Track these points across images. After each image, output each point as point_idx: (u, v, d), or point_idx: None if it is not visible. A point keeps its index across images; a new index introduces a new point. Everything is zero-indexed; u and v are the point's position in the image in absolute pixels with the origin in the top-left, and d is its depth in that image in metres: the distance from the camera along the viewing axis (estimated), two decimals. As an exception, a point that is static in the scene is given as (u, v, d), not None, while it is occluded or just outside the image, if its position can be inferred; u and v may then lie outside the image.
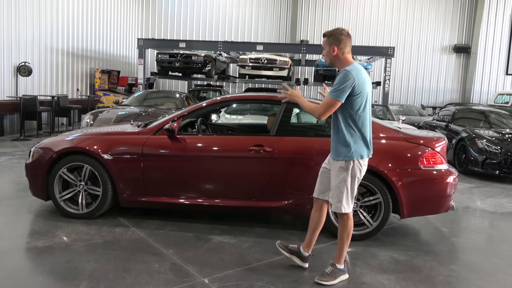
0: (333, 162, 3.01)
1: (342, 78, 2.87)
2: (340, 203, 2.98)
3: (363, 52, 13.37)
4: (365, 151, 2.97)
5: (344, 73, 2.87)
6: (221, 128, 5.43)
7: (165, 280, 2.97)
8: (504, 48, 18.30)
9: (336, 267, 3.05)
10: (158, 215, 4.37)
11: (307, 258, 3.25)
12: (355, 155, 2.92)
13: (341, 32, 2.99)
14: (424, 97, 18.92)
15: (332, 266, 3.07)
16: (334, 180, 3.00)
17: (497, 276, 3.31)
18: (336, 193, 2.99)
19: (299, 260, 3.26)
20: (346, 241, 3.05)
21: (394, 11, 18.40)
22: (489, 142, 7.39)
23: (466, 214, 5.14)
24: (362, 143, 2.95)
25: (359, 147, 2.93)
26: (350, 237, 3.06)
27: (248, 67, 12.38)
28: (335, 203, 3.01)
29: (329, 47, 3.01)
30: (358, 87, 2.87)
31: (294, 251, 3.28)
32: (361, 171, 2.99)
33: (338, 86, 2.87)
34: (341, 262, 3.07)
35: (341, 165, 2.95)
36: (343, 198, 2.97)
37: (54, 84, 12.55)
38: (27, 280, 2.95)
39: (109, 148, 4.08)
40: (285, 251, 3.30)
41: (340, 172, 2.95)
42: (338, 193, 2.98)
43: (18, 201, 4.76)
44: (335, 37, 2.98)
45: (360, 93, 2.88)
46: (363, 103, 2.92)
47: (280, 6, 18.74)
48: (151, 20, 19.05)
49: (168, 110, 8.33)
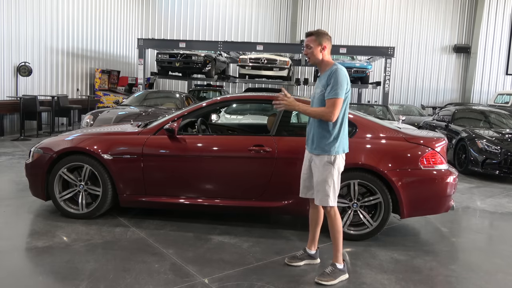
0: (317, 157, 3.04)
1: (339, 76, 2.94)
2: (328, 196, 3.01)
3: (363, 52, 13.37)
4: (346, 146, 3.09)
5: (339, 71, 2.96)
6: (221, 128, 5.43)
7: (165, 280, 2.97)
8: (504, 48, 18.30)
9: (336, 267, 3.06)
10: (158, 215, 4.37)
11: (316, 254, 3.35)
12: (340, 150, 3.03)
13: (326, 32, 3.11)
14: (424, 97, 18.92)
15: (332, 266, 3.08)
16: (320, 175, 3.02)
17: (497, 276, 3.31)
18: (322, 187, 3.01)
19: (311, 260, 3.34)
20: (338, 236, 3.07)
21: (394, 11, 18.40)
22: (489, 142, 7.38)
23: (466, 214, 5.14)
24: (345, 137, 3.08)
25: (343, 141, 3.05)
26: (341, 232, 3.09)
27: (248, 67, 12.37)
28: (321, 197, 3.04)
29: (318, 46, 3.04)
30: (348, 85, 3.02)
31: (304, 257, 3.34)
32: (343, 165, 3.11)
33: (337, 84, 2.93)
34: (340, 261, 3.08)
35: (328, 160, 3.01)
36: (330, 192, 3.01)
37: (54, 84, 12.55)
38: (27, 280, 2.95)
39: (109, 148, 4.08)
40: (297, 262, 3.32)
41: (327, 166, 3.00)
42: (325, 187, 3.01)
43: (18, 201, 4.76)
44: (324, 36, 3.06)
45: (348, 90, 3.03)
46: (348, 99, 3.04)
47: (280, 6, 18.74)
48: (151, 20, 19.05)
49: (168, 110, 8.33)
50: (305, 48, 3.11)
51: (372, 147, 3.89)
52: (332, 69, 2.98)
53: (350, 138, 3.93)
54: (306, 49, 3.10)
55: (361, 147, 3.85)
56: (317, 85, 3.13)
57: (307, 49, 3.09)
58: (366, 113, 5.22)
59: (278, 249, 3.63)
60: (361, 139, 3.91)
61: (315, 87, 3.19)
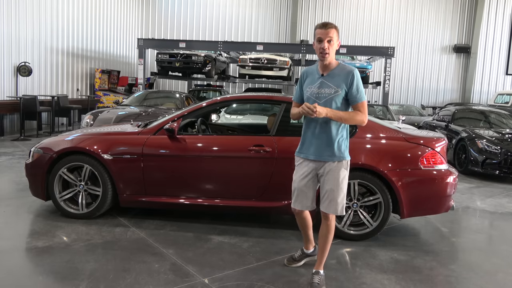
0: (333, 164, 2.83)
1: (359, 77, 2.80)
2: (343, 204, 2.87)
3: (363, 52, 13.37)
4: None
5: (357, 73, 2.79)
6: (221, 128, 5.43)
7: (165, 280, 2.97)
8: (504, 48, 18.30)
9: (322, 275, 2.95)
10: (158, 215, 4.37)
11: (314, 251, 3.30)
12: (349, 154, 2.92)
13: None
14: (424, 97, 18.92)
15: (319, 274, 2.95)
16: (336, 182, 2.82)
17: (497, 276, 3.31)
18: (338, 195, 2.83)
19: (310, 258, 3.31)
20: (330, 244, 2.97)
21: (394, 11, 18.40)
22: (489, 142, 7.38)
23: (466, 214, 5.14)
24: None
25: (349, 145, 2.94)
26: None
27: (248, 67, 12.38)
28: (337, 206, 2.85)
29: (338, 40, 2.78)
30: None
31: (302, 257, 3.31)
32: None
33: (361, 86, 2.79)
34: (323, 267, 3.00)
35: (345, 166, 2.86)
36: (344, 199, 2.89)
37: (54, 84, 12.55)
38: (26, 280, 2.95)
39: (109, 148, 4.08)
40: (296, 263, 3.30)
41: (343, 172, 2.85)
42: (341, 195, 2.84)
43: (18, 201, 4.76)
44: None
45: None
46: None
47: (280, 6, 18.74)
48: (151, 20, 19.05)
49: (168, 110, 8.33)
50: (324, 43, 2.71)
51: (372, 147, 3.89)
52: (350, 69, 2.78)
53: (350, 138, 3.95)
54: (326, 43, 2.71)
55: (361, 147, 3.85)
56: (322, 84, 2.81)
57: (328, 43, 2.71)
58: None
59: (278, 249, 3.63)
60: (361, 139, 3.91)
61: (317, 86, 2.83)
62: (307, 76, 2.94)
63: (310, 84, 2.88)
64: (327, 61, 2.77)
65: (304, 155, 2.92)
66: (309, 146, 2.88)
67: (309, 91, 2.86)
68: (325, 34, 2.70)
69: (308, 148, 2.89)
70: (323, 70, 2.85)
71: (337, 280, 3.08)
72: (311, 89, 2.86)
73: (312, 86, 2.86)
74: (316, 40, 2.76)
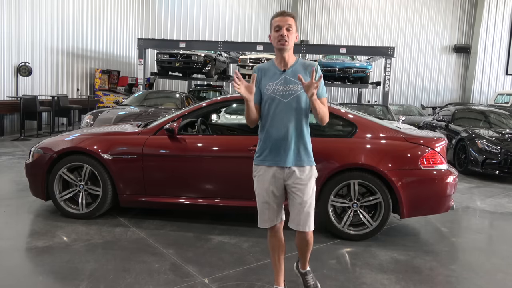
0: (305, 169, 2.49)
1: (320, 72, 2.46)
2: (313, 217, 2.52)
3: (363, 52, 13.37)
4: None
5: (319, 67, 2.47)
6: (221, 128, 5.43)
7: (165, 280, 2.97)
8: (504, 48, 18.29)
9: (311, 272, 2.80)
10: (158, 215, 4.37)
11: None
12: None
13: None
14: (424, 97, 18.92)
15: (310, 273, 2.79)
16: (308, 192, 2.47)
17: (497, 276, 3.31)
18: (308, 207, 2.47)
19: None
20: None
21: (394, 11, 18.40)
22: (489, 142, 7.38)
23: (466, 214, 5.14)
24: None
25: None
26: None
27: (248, 67, 12.38)
28: (308, 221, 2.48)
29: (296, 31, 2.47)
30: None
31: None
32: None
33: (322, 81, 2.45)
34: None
35: (314, 172, 2.54)
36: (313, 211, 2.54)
37: (54, 84, 12.55)
38: (27, 280, 2.95)
39: (109, 148, 4.08)
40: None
41: (313, 180, 2.52)
42: (311, 207, 2.49)
43: (18, 201, 4.76)
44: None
45: None
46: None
47: (280, 6, 18.71)
48: (151, 20, 19.05)
49: (168, 110, 8.33)
50: (282, 30, 2.40)
51: (372, 147, 3.89)
52: (311, 63, 2.50)
53: (350, 138, 3.95)
54: (285, 30, 2.40)
55: (361, 147, 3.85)
56: (287, 80, 2.47)
57: (287, 31, 2.41)
58: (366, 113, 5.21)
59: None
60: (361, 139, 3.90)
61: (281, 83, 2.47)
62: (263, 74, 2.53)
63: (271, 81, 2.48)
64: (286, 51, 2.45)
65: (274, 160, 2.51)
66: (279, 148, 2.50)
67: (271, 89, 2.48)
68: (284, 21, 2.42)
69: (278, 151, 2.50)
70: (283, 65, 2.49)
71: (337, 280, 3.08)
72: (272, 86, 2.47)
73: (273, 83, 2.48)
74: (274, 29, 2.44)
